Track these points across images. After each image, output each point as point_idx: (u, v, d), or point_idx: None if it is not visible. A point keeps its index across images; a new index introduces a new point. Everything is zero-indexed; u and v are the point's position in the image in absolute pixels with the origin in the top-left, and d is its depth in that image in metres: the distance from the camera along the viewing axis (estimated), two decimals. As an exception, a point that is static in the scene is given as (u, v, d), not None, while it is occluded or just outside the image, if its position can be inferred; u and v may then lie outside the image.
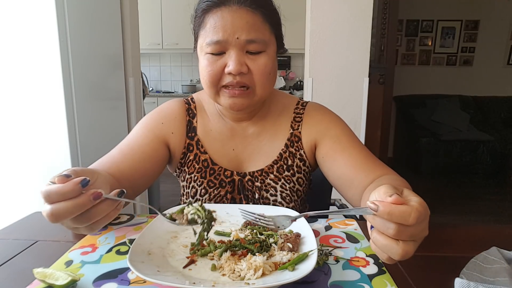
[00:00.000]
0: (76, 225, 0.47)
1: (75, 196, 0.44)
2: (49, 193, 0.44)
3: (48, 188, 0.44)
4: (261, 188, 0.83)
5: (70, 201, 0.44)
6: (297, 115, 0.86)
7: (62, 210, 0.44)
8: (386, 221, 0.40)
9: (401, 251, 0.41)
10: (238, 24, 0.68)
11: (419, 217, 0.40)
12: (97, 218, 0.47)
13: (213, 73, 0.71)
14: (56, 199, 0.44)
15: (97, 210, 0.46)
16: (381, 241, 0.42)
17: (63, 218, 0.44)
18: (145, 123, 0.84)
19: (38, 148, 1.66)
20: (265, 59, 0.71)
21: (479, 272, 0.51)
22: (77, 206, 0.44)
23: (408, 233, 0.41)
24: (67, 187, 0.44)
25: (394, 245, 0.41)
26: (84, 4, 1.77)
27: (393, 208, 0.40)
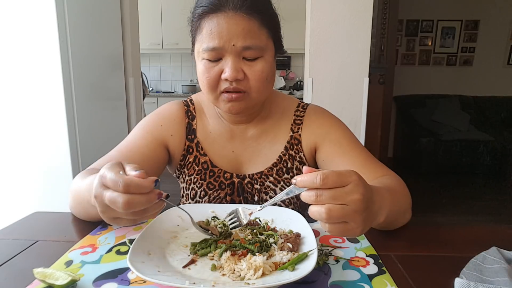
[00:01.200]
0: (128, 216, 0.50)
1: (148, 192, 0.48)
2: (131, 184, 0.47)
3: (130, 179, 0.47)
4: (261, 191, 0.83)
5: (144, 195, 0.48)
6: (297, 118, 0.85)
7: (136, 201, 0.47)
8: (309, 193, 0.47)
9: (325, 210, 0.46)
10: (234, 31, 0.67)
11: (325, 178, 0.46)
12: (148, 214, 0.50)
13: (211, 80, 0.71)
14: (133, 190, 0.47)
15: (152, 207, 0.50)
16: (311, 209, 0.48)
17: (134, 208, 0.47)
18: (144, 125, 0.84)
19: (38, 148, 1.66)
20: (261, 65, 0.71)
21: (479, 272, 0.51)
22: (148, 201, 0.48)
23: (326, 196, 0.46)
24: (146, 183, 0.48)
25: (319, 208, 0.47)
26: (84, 4, 1.78)
27: (302, 176, 0.48)
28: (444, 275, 0.52)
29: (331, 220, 0.47)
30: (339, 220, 0.47)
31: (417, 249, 0.62)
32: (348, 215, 0.47)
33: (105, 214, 0.50)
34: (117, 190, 0.47)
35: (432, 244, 0.64)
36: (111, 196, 0.47)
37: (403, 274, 0.54)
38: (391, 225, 0.67)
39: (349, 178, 0.48)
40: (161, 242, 0.60)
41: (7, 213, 1.70)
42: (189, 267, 0.53)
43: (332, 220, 0.47)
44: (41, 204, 1.70)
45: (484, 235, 0.70)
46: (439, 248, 0.63)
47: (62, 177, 1.67)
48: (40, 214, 0.77)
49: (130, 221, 0.51)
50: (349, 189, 0.47)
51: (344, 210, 0.47)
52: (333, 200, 0.47)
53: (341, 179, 0.47)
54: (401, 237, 0.67)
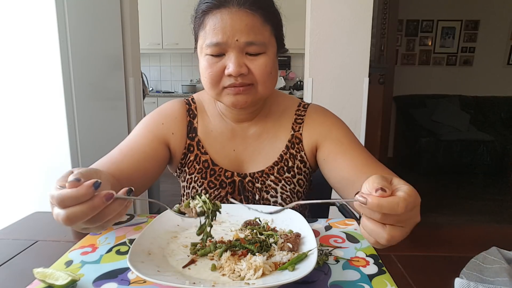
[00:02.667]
0: (87, 225, 0.48)
1: (89, 198, 0.45)
2: (63, 198, 0.44)
3: (62, 193, 0.44)
4: (262, 189, 0.83)
5: (85, 204, 0.45)
6: (299, 117, 0.85)
7: (77, 213, 0.44)
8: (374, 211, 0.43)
9: (387, 235, 0.44)
10: (238, 26, 0.68)
11: (407, 206, 0.42)
12: (109, 217, 0.48)
13: (213, 75, 0.71)
14: (70, 203, 0.44)
15: (109, 210, 0.47)
16: (369, 226, 0.45)
17: (78, 221, 0.45)
18: (145, 124, 0.84)
19: (38, 148, 1.66)
20: (264, 60, 0.71)
21: (479, 272, 0.51)
22: (92, 208, 0.45)
23: (394, 219, 0.44)
24: (81, 191, 0.44)
25: (380, 229, 0.44)
26: (84, 4, 1.77)
27: (381, 201, 0.42)
28: (444, 275, 0.52)
29: (389, 244, 0.45)
30: None
31: (417, 249, 0.62)
32: (403, 237, 0.46)
33: (72, 227, 0.49)
34: (57, 207, 0.45)
35: (432, 244, 0.64)
36: (55, 213, 0.46)
37: (403, 274, 0.54)
38: None
39: (417, 200, 0.45)
40: (161, 242, 0.60)
41: (7, 213, 1.70)
42: (189, 267, 0.53)
43: (389, 244, 0.45)
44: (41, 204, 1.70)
45: (484, 235, 0.70)
46: (439, 248, 0.63)
47: (62, 177, 1.67)
48: (40, 214, 0.77)
49: (98, 228, 0.49)
50: (414, 213, 0.45)
51: (402, 233, 0.45)
52: (397, 223, 0.44)
53: (415, 203, 0.44)
54: (401, 237, 0.67)
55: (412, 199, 0.43)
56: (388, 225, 0.44)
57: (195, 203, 0.56)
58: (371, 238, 0.46)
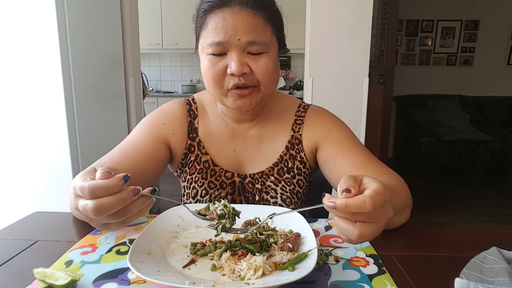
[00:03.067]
0: (110, 220, 0.48)
1: (118, 191, 0.46)
2: (95, 188, 0.45)
3: (94, 183, 0.45)
4: (262, 190, 0.83)
5: (114, 196, 0.45)
6: (299, 118, 0.85)
7: (106, 204, 0.45)
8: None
9: (357, 232, 0.45)
10: (240, 25, 0.68)
11: (374, 204, 0.44)
12: (132, 213, 0.48)
13: (216, 75, 0.70)
14: (101, 194, 0.45)
15: (133, 206, 0.48)
16: (340, 224, 0.47)
17: (106, 212, 0.46)
18: (146, 123, 0.84)
19: (38, 148, 1.66)
20: (266, 59, 0.71)
21: (479, 272, 0.51)
22: (120, 200, 0.46)
23: (364, 217, 0.45)
24: (112, 182, 0.45)
25: (350, 227, 0.46)
26: (84, 4, 1.77)
27: (348, 201, 0.44)
28: (444, 275, 0.52)
29: (361, 240, 0.46)
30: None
31: (417, 249, 0.62)
32: (376, 233, 0.47)
33: (92, 222, 0.49)
34: (86, 198, 0.46)
35: (432, 244, 0.64)
36: (82, 205, 0.46)
37: (403, 274, 0.54)
38: (390, 225, 0.67)
39: (386, 197, 0.46)
40: (161, 242, 0.60)
41: (7, 213, 1.70)
42: (189, 267, 0.53)
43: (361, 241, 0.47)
44: (41, 204, 1.70)
45: (484, 235, 0.70)
46: (439, 248, 0.63)
47: (62, 177, 1.67)
48: (40, 214, 0.77)
49: (118, 224, 0.50)
50: (384, 210, 0.46)
51: (374, 230, 0.46)
52: (368, 219, 0.46)
53: (384, 199, 0.45)
54: (401, 237, 0.67)
55: (380, 196, 0.44)
56: (358, 222, 0.46)
57: (215, 206, 0.57)
58: (343, 236, 0.48)
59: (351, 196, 0.44)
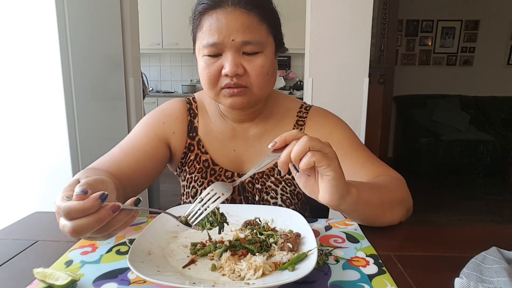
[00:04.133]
0: (94, 235, 0.48)
1: (95, 211, 0.45)
2: (69, 211, 0.44)
3: (68, 205, 0.45)
4: (262, 191, 0.83)
5: (91, 216, 0.45)
6: (300, 119, 0.85)
7: (84, 225, 0.45)
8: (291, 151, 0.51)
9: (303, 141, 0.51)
10: (233, 26, 0.68)
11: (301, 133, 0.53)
12: (115, 227, 0.48)
13: (211, 75, 0.71)
14: (76, 215, 0.45)
15: (115, 220, 0.47)
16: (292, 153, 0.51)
17: (85, 233, 0.45)
18: (146, 122, 0.84)
19: (38, 148, 1.66)
20: (261, 60, 0.71)
21: (479, 272, 0.51)
22: (98, 220, 0.45)
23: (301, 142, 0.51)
24: (87, 204, 0.45)
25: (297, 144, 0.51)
26: (84, 4, 1.78)
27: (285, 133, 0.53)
28: (444, 275, 0.52)
29: (312, 144, 0.51)
30: (319, 148, 0.51)
31: (417, 249, 0.62)
32: (325, 147, 0.52)
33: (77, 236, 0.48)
34: (64, 218, 0.45)
35: (432, 244, 0.64)
36: (61, 224, 0.46)
37: (403, 274, 0.54)
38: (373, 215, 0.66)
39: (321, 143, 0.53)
40: (161, 242, 0.60)
41: (7, 213, 1.70)
42: (189, 267, 0.53)
43: (313, 145, 0.51)
44: (41, 204, 1.70)
45: (484, 235, 0.70)
46: (439, 248, 0.63)
47: (62, 177, 1.67)
48: (40, 214, 0.77)
49: (104, 237, 0.50)
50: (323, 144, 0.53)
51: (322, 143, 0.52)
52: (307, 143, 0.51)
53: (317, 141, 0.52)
54: (401, 237, 0.67)
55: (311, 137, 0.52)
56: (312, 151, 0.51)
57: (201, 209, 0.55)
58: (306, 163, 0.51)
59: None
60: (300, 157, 0.51)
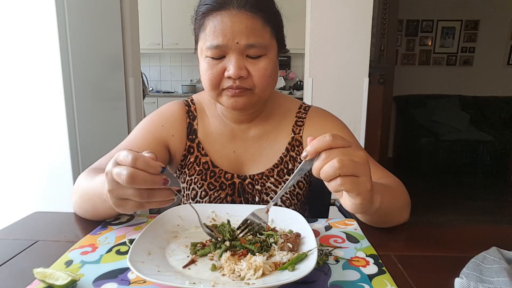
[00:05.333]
0: (133, 196, 0.51)
1: (154, 173, 0.50)
2: (139, 159, 0.49)
3: (140, 155, 0.50)
4: (261, 191, 0.83)
5: (149, 174, 0.50)
6: (299, 119, 0.85)
7: (141, 177, 0.49)
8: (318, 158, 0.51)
9: (337, 160, 0.49)
10: (238, 28, 0.67)
11: (333, 136, 0.50)
12: (154, 199, 0.53)
13: (213, 77, 0.70)
14: (141, 166, 0.49)
15: (159, 193, 0.53)
16: (323, 169, 0.50)
17: (137, 184, 0.49)
18: (145, 125, 0.84)
19: (38, 148, 1.66)
20: (265, 62, 0.71)
21: (479, 272, 0.51)
22: (152, 181, 0.50)
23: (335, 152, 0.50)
24: (154, 163, 0.51)
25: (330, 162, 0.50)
26: (84, 4, 1.77)
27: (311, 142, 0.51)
28: (444, 275, 0.52)
29: (343, 169, 0.49)
30: (350, 172, 0.49)
31: (417, 249, 0.62)
32: (357, 167, 0.50)
33: (113, 192, 0.52)
34: (125, 164, 0.49)
35: (432, 244, 0.64)
36: (118, 169, 0.50)
37: (403, 274, 0.54)
38: (386, 219, 0.67)
39: (350, 141, 0.52)
40: (161, 242, 0.60)
41: (7, 213, 1.70)
42: (189, 267, 0.53)
43: (344, 170, 0.49)
44: (41, 204, 1.70)
45: (484, 235, 0.70)
46: (439, 248, 0.63)
47: (62, 177, 1.67)
48: (40, 214, 0.77)
49: (136, 204, 0.53)
50: (353, 148, 0.51)
51: (354, 162, 0.50)
52: (342, 155, 0.50)
53: (346, 140, 0.51)
54: (401, 237, 0.67)
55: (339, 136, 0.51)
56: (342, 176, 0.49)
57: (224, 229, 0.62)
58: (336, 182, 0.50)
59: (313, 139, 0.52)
60: (329, 179, 0.51)
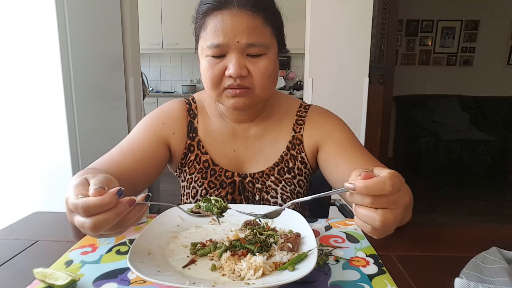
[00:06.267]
0: (108, 232, 0.48)
1: (113, 206, 0.46)
2: (88, 207, 0.45)
3: (87, 202, 0.45)
4: (262, 190, 0.83)
5: (110, 211, 0.46)
6: (300, 118, 0.85)
7: (103, 221, 0.45)
8: (364, 196, 0.44)
9: (380, 217, 0.44)
10: (239, 28, 0.68)
11: (393, 185, 0.43)
12: (129, 223, 0.49)
13: (214, 76, 0.71)
14: (95, 211, 0.45)
15: (130, 215, 0.48)
16: (361, 212, 0.46)
17: (104, 228, 0.46)
18: (145, 123, 0.84)
19: (38, 148, 1.66)
20: (265, 62, 0.71)
21: (479, 272, 0.51)
22: (116, 215, 0.46)
23: (384, 200, 0.44)
24: (106, 199, 0.45)
25: (373, 213, 0.45)
26: (84, 4, 1.77)
27: (368, 183, 0.43)
28: (444, 275, 0.52)
29: (382, 227, 0.45)
30: (386, 227, 0.46)
31: (417, 249, 0.62)
32: (396, 220, 0.46)
33: (91, 235, 0.50)
34: (81, 215, 0.46)
35: (432, 244, 0.64)
36: (78, 221, 0.47)
37: (403, 274, 0.54)
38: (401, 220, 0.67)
39: (401, 180, 0.46)
40: (161, 242, 0.60)
41: (7, 213, 1.70)
42: (189, 267, 0.53)
43: (383, 228, 0.45)
44: (41, 204, 1.70)
45: (484, 235, 0.70)
46: (439, 248, 0.63)
47: (62, 177, 1.67)
48: (40, 214, 0.77)
49: (115, 234, 0.51)
50: (401, 195, 0.46)
51: (395, 216, 0.45)
52: (388, 205, 0.45)
53: (401, 182, 0.45)
54: (401, 237, 0.67)
55: (397, 178, 0.45)
56: (379, 209, 0.45)
57: (203, 204, 0.60)
58: (367, 226, 0.47)
59: (370, 176, 0.44)
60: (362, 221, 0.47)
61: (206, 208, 0.58)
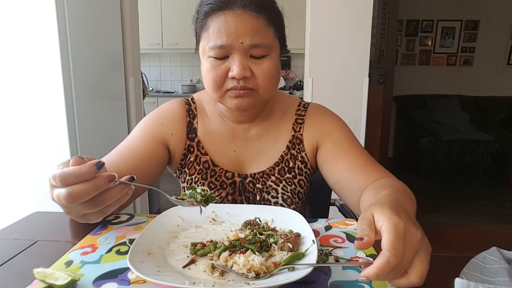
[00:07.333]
0: (87, 210, 0.48)
1: (91, 178, 0.45)
2: (65, 176, 0.44)
3: (64, 171, 0.45)
4: (262, 190, 0.82)
5: (87, 183, 0.45)
6: (299, 117, 0.85)
7: (79, 191, 0.45)
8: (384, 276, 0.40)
9: (414, 277, 0.41)
10: (242, 28, 0.67)
11: (397, 253, 0.39)
12: (109, 202, 0.48)
13: (217, 77, 0.70)
14: (72, 181, 0.45)
15: (110, 193, 0.48)
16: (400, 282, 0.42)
17: (80, 199, 0.45)
18: (144, 124, 0.84)
19: (38, 148, 1.66)
20: (268, 63, 0.71)
21: (479, 272, 0.51)
22: (93, 187, 0.45)
23: (403, 266, 0.40)
24: (84, 169, 0.45)
25: (406, 280, 0.42)
26: (84, 4, 1.77)
27: (375, 271, 0.39)
28: (444, 275, 0.52)
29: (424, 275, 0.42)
30: None
31: (417, 249, 0.62)
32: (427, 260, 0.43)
33: (70, 213, 0.49)
34: (59, 186, 0.45)
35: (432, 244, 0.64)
36: (56, 193, 0.46)
37: (403, 274, 0.53)
38: None
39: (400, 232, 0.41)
40: (161, 242, 0.60)
41: (7, 213, 1.70)
42: (189, 267, 0.53)
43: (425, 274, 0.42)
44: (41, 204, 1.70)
45: (484, 235, 0.70)
46: (439, 248, 0.62)
47: (62, 177, 1.67)
48: (40, 214, 0.77)
49: (97, 214, 0.49)
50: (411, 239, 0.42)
51: (423, 260, 0.42)
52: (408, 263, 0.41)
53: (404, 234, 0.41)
54: (401, 237, 0.67)
55: (397, 242, 0.40)
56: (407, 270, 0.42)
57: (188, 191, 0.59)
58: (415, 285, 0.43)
59: (366, 243, 0.41)
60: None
61: (190, 195, 0.57)
